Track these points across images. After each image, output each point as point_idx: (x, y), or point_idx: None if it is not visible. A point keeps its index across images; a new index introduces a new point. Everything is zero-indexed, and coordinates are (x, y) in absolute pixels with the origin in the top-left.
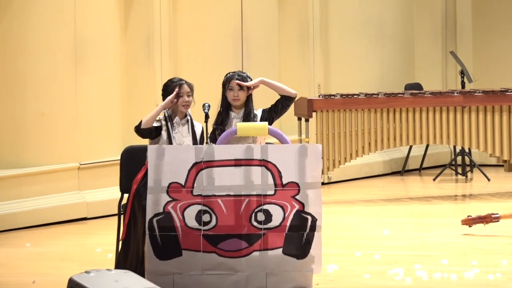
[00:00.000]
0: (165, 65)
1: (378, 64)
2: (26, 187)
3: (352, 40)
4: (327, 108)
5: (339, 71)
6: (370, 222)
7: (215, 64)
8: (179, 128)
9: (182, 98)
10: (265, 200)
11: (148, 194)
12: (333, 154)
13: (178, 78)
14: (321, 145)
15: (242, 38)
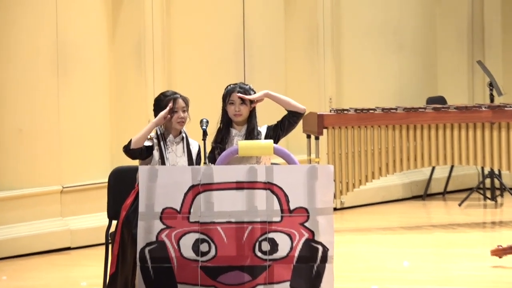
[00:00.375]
0: (158, 76)
1: (396, 75)
2: (2, 213)
3: (367, 47)
4: (339, 125)
5: (352, 82)
6: (388, 253)
7: (214, 75)
8: (172, 147)
9: (177, 114)
10: (271, 228)
11: (139, 221)
12: (347, 176)
13: (172, 92)
14: (332, 166)
15: (244, 45)
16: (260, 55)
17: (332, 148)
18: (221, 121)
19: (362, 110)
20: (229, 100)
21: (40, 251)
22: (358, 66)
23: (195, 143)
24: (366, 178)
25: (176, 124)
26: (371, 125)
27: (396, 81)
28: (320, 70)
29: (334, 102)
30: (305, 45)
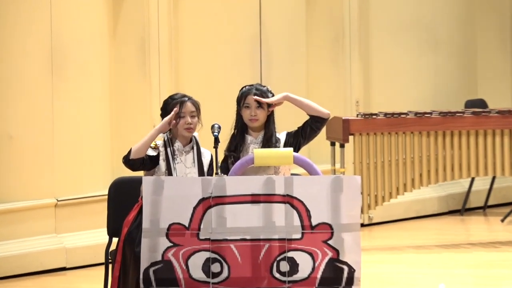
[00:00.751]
0: (164, 78)
1: (431, 76)
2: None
3: (399, 45)
4: (367, 131)
5: (382, 84)
6: (422, 274)
7: (227, 76)
8: (181, 157)
9: (184, 119)
10: (290, 246)
11: (143, 238)
12: (375, 188)
13: (181, 94)
14: (360, 177)
15: (260, 42)
16: (278, 53)
17: (359, 157)
18: (235, 127)
19: (393, 114)
20: (244, 103)
21: (31, 271)
22: (388, 66)
23: (208, 153)
24: (397, 191)
25: (183, 131)
26: (403, 132)
27: (431, 82)
28: (345, 70)
29: (361, 106)
30: (328, 42)
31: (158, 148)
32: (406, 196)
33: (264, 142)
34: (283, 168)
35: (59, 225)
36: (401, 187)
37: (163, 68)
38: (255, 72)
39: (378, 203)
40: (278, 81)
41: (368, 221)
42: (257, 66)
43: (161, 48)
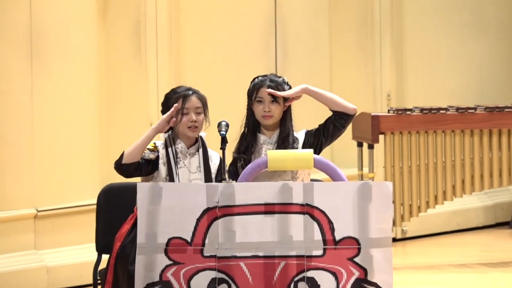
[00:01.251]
0: (162, 66)
1: (475, 66)
2: None
3: (437, 31)
4: (400, 129)
5: (417, 74)
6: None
7: (236, 66)
8: (185, 160)
9: (188, 117)
10: (310, 264)
11: (138, 255)
12: (410, 196)
13: (186, 88)
14: (391, 183)
15: (275, 26)
16: (297, 38)
17: (391, 160)
18: (245, 125)
19: (430, 110)
20: (256, 97)
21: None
22: (424, 53)
23: (216, 156)
24: (435, 200)
25: (186, 130)
26: (442, 130)
27: (475, 73)
28: (375, 59)
29: (394, 100)
30: (355, 26)
31: (158, 150)
32: (446, 206)
33: (279, 142)
34: (301, 172)
35: (40, 240)
36: (440, 195)
37: (161, 55)
38: (269, 61)
39: (413, 214)
40: (296, 71)
41: (402, 235)
42: (271, 54)
43: (159, 31)
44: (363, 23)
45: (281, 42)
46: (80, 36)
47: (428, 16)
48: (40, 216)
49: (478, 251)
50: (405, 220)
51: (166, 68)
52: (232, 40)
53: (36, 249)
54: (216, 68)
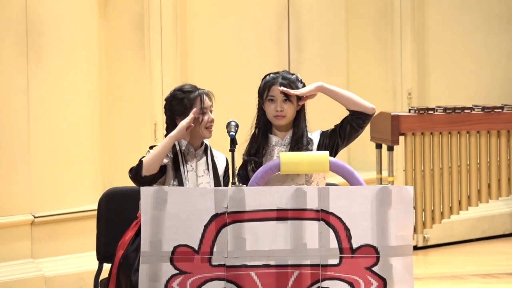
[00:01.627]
0: (167, 63)
1: (502, 62)
2: None
3: (462, 23)
4: (422, 130)
5: (440, 71)
6: None
7: (246, 61)
8: (193, 163)
9: (206, 117)
10: (325, 274)
11: (142, 263)
12: (432, 202)
13: (192, 86)
14: (412, 188)
15: (288, 19)
16: (311, 32)
17: (412, 163)
18: (256, 125)
19: (454, 109)
20: (268, 95)
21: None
22: (448, 49)
23: (222, 157)
24: (459, 206)
25: (204, 131)
26: (467, 131)
27: (503, 70)
28: (395, 54)
29: (415, 99)
30: (374, 19)
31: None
32: (470, 212)
33: (292, 144)
34: (316, 176)
35: (37, 247)
36: (464, 200)
37: (166, 51)
38: (281, 56)
39: (436, 221)
40: (310, 67)
41: (423, 243)
42: (284, 49)
43: (164, 25)
44: (382, 16)
45: (295, 36)
46: (79, 31)
47: (452, 8)
48: (37, 222)
49: (505, 260)
50: (427, 227)
51: (171, 65)
52: (242, 34)
53: (33, 258)
54: (224, 64)
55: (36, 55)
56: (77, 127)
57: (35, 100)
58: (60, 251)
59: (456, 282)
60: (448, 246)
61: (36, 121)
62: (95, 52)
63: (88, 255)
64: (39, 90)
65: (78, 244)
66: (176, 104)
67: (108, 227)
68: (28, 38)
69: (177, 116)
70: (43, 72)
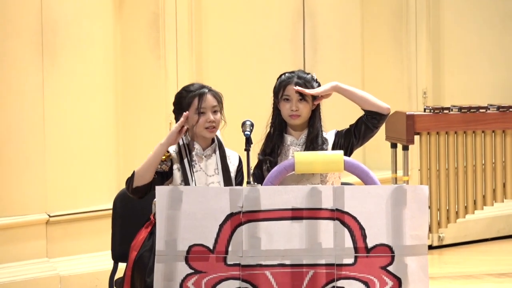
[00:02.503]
0: (182, 62)
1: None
2: None
3: (478, 22)
4: (437, 129)
5: (456, 70)
6: None
7: (261, 60)
8: (201, 163)
9: (204, 117)
10: (341, 273)
11: (157, 263)
12: (447, 201)
13: (199, 85)
14: (427, 187)
15: (304, 19)
16: (327, 33)
17: (427, 162)
18: (271, 124)
19: (470, 109)
20: (283, 95)
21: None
22: (464, 48)
23: (235, 155)
24: (474, 205)
25: (204, 131)
26: (482, 130)
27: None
28: (410, 53)
29: (430, 98)
30: (389, 19)
31: (171, 157)
32: (485, 212)
33: (307, 143)
34: (331, 176)
35: (52, 247)
36: (480, 200)
37: (181, 50)
38: (296, 56)
39: (451, 220)
40: (325, 66)
41: (438, 243)
42: (299, 48)
43: (179, 24)
44: (398, 15)
45: (310, 36)
46: (94, 29)
47: (468, 7)
48: (52, 222)
49: None
50: (442, 226)
51: (186, 64)
52: (257, 33)
53: (48, 257)
54: (240, 63)
55: (51, 54)
56: (92, 126)
57: (51, 99)
58: (75, 251)
59: (471, 281)
60: (463, 246)
61: (51, 120)
62: (110, 51)
63: (103, 255)
64: (54, 89)
65: (93, 244)
66: (176, 103)
67: (123, 226)
68: (44, 37)
69: (179, 115)
70: (59, 71)
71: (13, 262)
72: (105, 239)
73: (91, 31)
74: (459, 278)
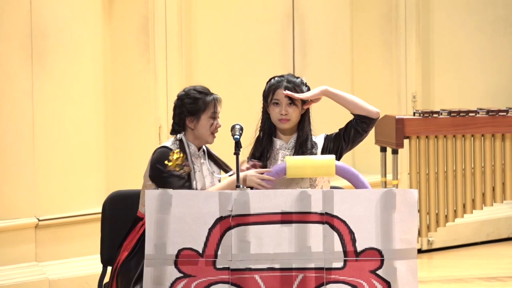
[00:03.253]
0: (172, 66)
1: (507, 65)
2: None
3: (467, 27)
4: (426, 133)
5: (445, 75)
6: None
7: (251, 64)
8: (197, 163)
9: (216, 122)
10: (330, 277)
11: (146, 267)
12: (436, 205)
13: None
14: (417, 191)
15: (293, 23)
16: (316, 36)
17: (417, 166)
18: (261, 128)
19: (459, 113)
20: (272, 99)
21: None
22: (453, 52)
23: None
24: (463, 209)
25: (209, 137)
26: (472, 134)
27: (508, 73)
28: (400, 57)
29: (419, 102)
30: (379, 23)
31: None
32: (475, 215)
33: (297, 147)
34: (320, 179)
35: (41, 251)
36: (469, 204)
37: (171, 53)
38: (286, 59)
39: (440, 224)
40: (315, 70)
41: (428, 246)
42: (289, 52)
43: (169, 28)
44: (387, 19)
45: (300, 39)
46: (84, 34)
47: (457, 11)
48: (42, 225)
49: (509, 263)
50: (431, 230)
51: (176, 67)
52: (247, 37)
53: (37, 261)
54: (229, 67)
55: (41, 58)
56: (82, 130)
57: (40, 103)
58: (64, 254)
59: (460, 285)
60: (453, 250)
61: (40, 124)
62: (100, 55)
63: (92, 258)
64: (44, 93)
65: (82, 247)
66: (189, 103)
67: (112, 230)
68: (33, 41)
69: (188, 115)
70: (48, 75)
71: (2, 266)
72: (94, 243)
73: (81, 35)
74: (449, 282)
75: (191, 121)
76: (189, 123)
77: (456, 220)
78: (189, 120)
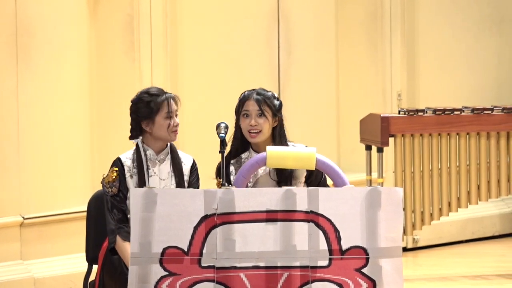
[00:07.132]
0: (157, 64)
1: (492, 64)
2: None
3: (452, 25)
4: (412, 131)
5: (430, 73)
6: None
7: (237, 63)
8: (154, 168)
9: (172, 121)
10: (315, 276)
11: (131, 265)
12: (421, 203)
13: (158, 89)
14: (402, 189)
15: (278, 22)
16: (301, 35)
17: (402, 164)
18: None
19: (444, 111)
20: (242, 110)
21: None
22: (438, 51)
23: (188, 158)
24: (449, 207)
25: (171, 135)
26: (457, 132)
27: (493, 71)
28: (385, 56)
29: (405, 101)
30: (364, 21)
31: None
32: (460, 214)
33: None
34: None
35: (26, 249)
36: (454, 202)
37: (156, 52)
38: (271, 58)
39: (425, 222)
40: (300, 69)
41: (413, 245)
42: (274, 51)
43: (154, 26)
44: (372, 18)
45: (285, 38)
46: (68, 32)
47: (442, 9)
48: (27, 224)
49: (494, 261)
50: (416, 228)
51: (161, 66)
52: (232, 36)
53: (22, 259)
54: (214, 65)
55: (26, 56)
56: (67, 128)
57: (25, 102)
58: (49, 253)
59: (445, 283)
60: (438, 248)
61: (25, 122)
62: (85, 54)
63: (77, 257)
64: (29, 91)
65: (67, 246)
66: (142, 107)
67: (98, 228)
68: (18, 39)
69: (143, 119)
70: (33, 73)
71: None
72: (80, 241)
73: (66, 34)
74: (434, 280)
75: (147, 124)
76: (145, 126)
77: (441, 219)
78: (144, 124)
